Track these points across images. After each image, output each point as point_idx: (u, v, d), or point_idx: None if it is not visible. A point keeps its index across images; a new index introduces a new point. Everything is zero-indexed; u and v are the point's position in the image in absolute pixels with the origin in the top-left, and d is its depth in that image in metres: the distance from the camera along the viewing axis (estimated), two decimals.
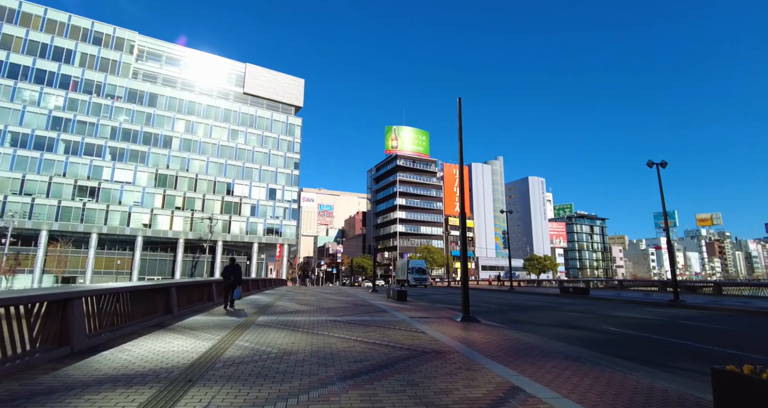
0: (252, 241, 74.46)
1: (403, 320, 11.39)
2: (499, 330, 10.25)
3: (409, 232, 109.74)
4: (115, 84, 66.63)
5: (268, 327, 9.53)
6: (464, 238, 12.70)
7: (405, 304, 17.81)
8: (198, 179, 71.77)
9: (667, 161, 24.59)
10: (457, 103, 13.62)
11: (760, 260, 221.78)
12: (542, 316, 15.53)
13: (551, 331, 11.49)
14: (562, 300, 24.96)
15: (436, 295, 31.53)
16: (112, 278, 61.62)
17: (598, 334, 10.96)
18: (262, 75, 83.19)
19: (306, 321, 10.76)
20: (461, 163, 12.86)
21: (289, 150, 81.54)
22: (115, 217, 63.72)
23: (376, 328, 9.74)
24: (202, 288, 14.28)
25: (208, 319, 10.81)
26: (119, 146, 65.75)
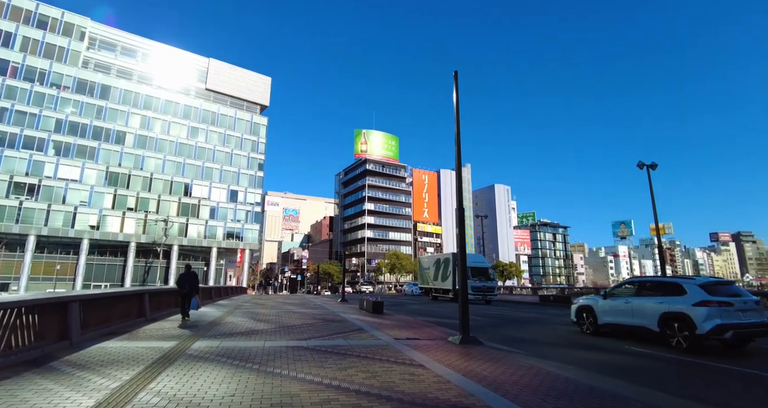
0: (211, 246, 69.96)
1: (389, 344, 8.86)
2: (512, 356, 7.92)
3: (378, 237, 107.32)
4: (61, 73, 61.18)
5: (202, 360, 6.79)
6: (462, 244, 10.35)
7: (383, 318, 15.27)
8: (153, 178, 66.89)
9: (657, 163, 23.36)
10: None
11: (705, 267, 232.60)
12: (543, 333, 13.36)
13: (567, 353, 9.29)
14: (547, 310, 23.17)
15: (412, 304, 29.12)
16: (51, 285, 55.91)
17: (627, 358, 8.81)
18: (227, 71, 79.18)
19: (259, 349, 8.04)
20: (458, 144, 10.55)
21: (253, 150, 77.63)
22: (57, 218, 58.11)
23: (357, 359, 7.17)
24: (128, 301, 11.28)
25: (122, 347, 7.93)
26: (65, 140, 60.25)
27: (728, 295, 10.05)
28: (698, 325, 9.59)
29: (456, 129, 10.81)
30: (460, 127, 10.86)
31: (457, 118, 10.90)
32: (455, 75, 11.47)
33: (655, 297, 11.07)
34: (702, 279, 10.86)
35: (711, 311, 9.54)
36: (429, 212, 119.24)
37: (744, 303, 9.83)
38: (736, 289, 10.74)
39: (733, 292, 10.37)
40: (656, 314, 10.67)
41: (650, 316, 10.82)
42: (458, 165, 10.59)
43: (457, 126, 10.82)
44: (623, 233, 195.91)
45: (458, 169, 10.56)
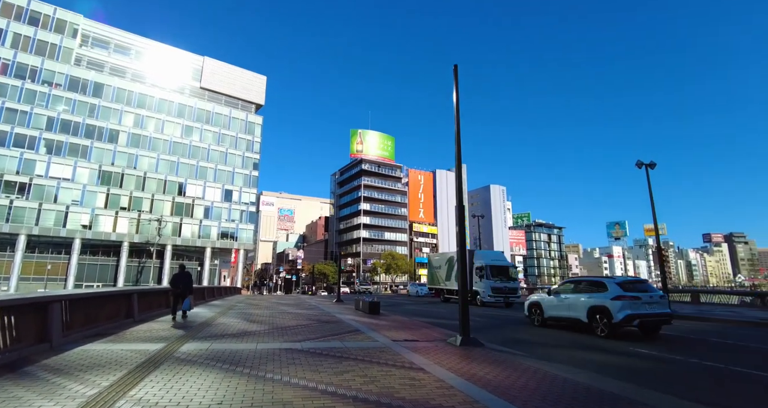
0: (205, 246, 69.27)
1: (387, 346, 8.51)
2: (514, 359, 7.59)
3: (373, 237, 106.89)
4: (53, 70, 60.35)
5: (189, 364, 6.41)
6: (463, 242, 10.03)
7: (379, 318, 14.91)
8: (147, 178, 66.15)
9: (655, 162, 23.12)
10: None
11: (698, 268, 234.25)
12: (543, 334, 13.05)
13: (570, 355, 8.98)
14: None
15: (407, 304, 28.78)
16: (42, 285, 55.12)
17: (631, 360, 8.50)
18: (222, 70, 78.51)
19: (251, 351, 7.66)
20: (458, 141, 10.22)
21: (248, 149, 77.01)
22: (48, 217, 57.29)
23: (354, 362, 6.82)
24: (115, 301, 10.85)
25: (105, 349, 7.52)
26: (57, 139, 59.42)
27: (639, 291, 12.32)
28: (614, 315, 11.74)
29: (456, 126, 10.48)
30: (460, 124, 10.54)
31: (457, 114, 10.58)
32: (455, 69, 11.14)
33: (585, 293, 13.23)
34: (620, 278, 13.37)
35: (624, 304, 11.78)
36: (425, 212, 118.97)
37: (650, 297, 12.23)
38: (647, 286, 13.07)
39: (643, 288, 12.68)
40: (586, 307, 12.80)
41: (581, 309, 12.99)
42: (458, 161, 10.27)
43: (457, 122, 10.49)
44: (617, 234, 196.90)
45: (458, 166, 10.24)
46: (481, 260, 27.68)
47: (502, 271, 27.48)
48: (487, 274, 26.73)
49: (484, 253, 30.15)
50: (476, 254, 28.56)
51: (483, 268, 26.94)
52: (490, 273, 26.73)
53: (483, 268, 26.94)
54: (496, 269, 27.21)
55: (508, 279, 27.28)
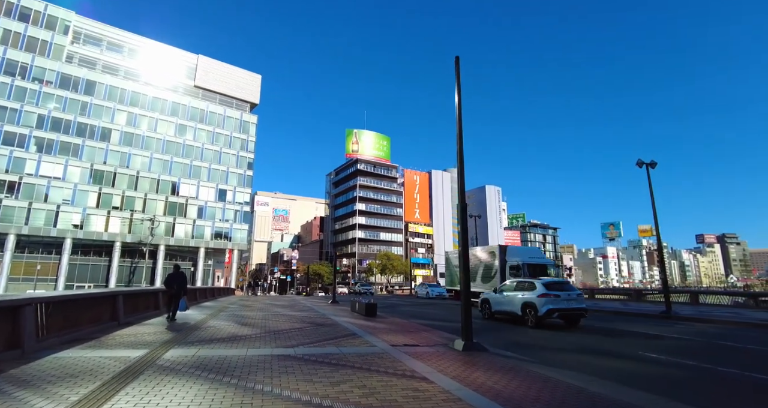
0: (198, 246, 68.45)
1: (385, 352, 8.01)
2: (522, 366, 7.13)
3: (369, 238, 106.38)
4: (44, 67, 59.40)
5: (172, 373, 5.89)
6: (465, 241, 9.56)
7: (376, 321, 14.42)
8: (139, 177, 65.28)
9: (656, 161, 22.79)
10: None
11: (691, 269, 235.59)
12: (546, 336, 12.62)
13: (578, 360, 8.52)
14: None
15: (403, 306, 28.26)
16: (32, 286, 54.15)
17: (643, 366, 8.04)
18: (216, 68, 77.73)
19: (241, 358, 7.14)
20: (460, 132, 9.76)
21: (242, 149, 76.27)
22: (39, 217, 56.32)
23: (351, 371, 6.32)
24: (98, 303, 10.28)
25: (82, 357, 6.97)
26: (47, 137, 58.46)
27: (559, 290, 15.06)
28: (539, 309, 14.55)
29: (458, 119, 10.02)
30: (462, 118, 10.07)
31: (458, 108, 10.12)
32: (456, 61, 10.68)
33: (520, 291, 16.05)
34: (546, 279, 16.31)
35: (547, 300, 14.57)
36: (420, 213, 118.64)
37: (568, 295, 15.01)
38: (567, 286, 15.90)
39: (563, 288, 15.50)
40: (520, 303, 15.62)
41: (517, 304, 15.82)
42: (460, 157, 9.81)
43: (459, 116, 10.03)
44: (612, 234, 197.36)
45: (460, 161, 9.79)
46: (516, 257, 23.28)
47: (540, 270, 22.90)
48: (523, 274, 22.15)
49: (518, 249, 25.51)
50: (510, 251, 24.27)
51: (519, 266, 22.59)
52: (527, 272, 22.35)
53: (519, 266, 22.59)
54: (533, 268, 22.57)
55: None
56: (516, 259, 23.42)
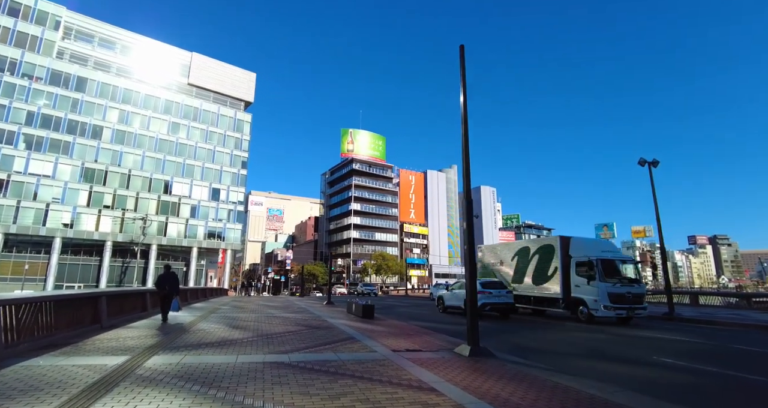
0: (191, 246, 67.53)
1: (387, 358, 7.43)
2: (535, 373, 6.59)
3: (364, 238, 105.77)
4: (34, 63, 58.30)
5: (152, 385, 5.28)
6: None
7: (374, 323, 13.84)
8: (131, 175, 64.31)
9: (658, 160, 22.40)
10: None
11: (684, 269, 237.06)
12: (553, 340, 12.11)
13: (593, 367, 8.00)
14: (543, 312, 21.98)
15: (400, 306, 27.72)
16: (19, 286, 53.04)
17: (668, 373, 7.53)
18: (210, 66, 76.82)
19: (230, 366, 6.53)
20: (465, 124, 9.21)
21: (236, 147, 75.41)
22: (27, 215, 55.23)
23: (351, 380, 5.74)
24: (79, 305, 9.62)
25: (53, 365, 6.33)
26: (37, 134, 57.37)
27: (491, 288, 19.07)
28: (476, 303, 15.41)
29: (463, 108, 9.47)
30: (467, 110, 9.53)
31: (464, 95, 9.56)
32: (461, 50, 10.12)
33: (463, 289, 16.74)
34: (484, 280, 20.31)
35: (482, 296, 17.60)
36: (415, 213, 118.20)
37: (498, 292, 18.96)
38: (499, 285, 19.98)
39: (496, 286, 19.52)
40: (463, 298, 17.92)
41: (461, 299, 19.09)
42: (465, 149, 9.26)
43: (464, 103, 9.48)
44: (605, 235, 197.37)
45: (465, 154, 9.24)
46: (584, 251, 18.37)
47: (616, 268, 18.07)
48: (599, 273, 17.09)
49: (585, 241, 19.60)
50: (575, 244, 19.16)
51: (590, 263, 17.50)
52: (602, 271, 17.18)
53: (590, 263, 17.50)
54: (610, 265, 17.77)
55: (629, 281, 17.84)
56: (585, 253, 18.30)
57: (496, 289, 19.11)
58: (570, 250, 18.96)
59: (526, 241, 22.48)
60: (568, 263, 18.55)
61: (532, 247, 21.14)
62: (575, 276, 18.12)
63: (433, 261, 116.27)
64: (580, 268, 18.07)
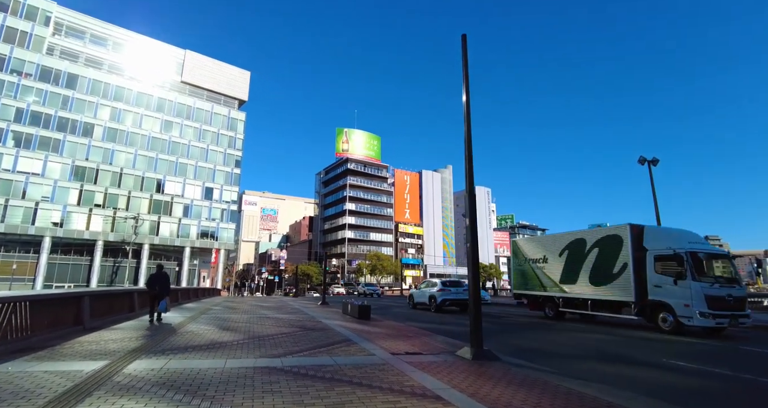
0: (184, 245, 66.71)
1: (386, 362, 6.98)
2: (545, 378, 6.17)
3: (358, 238, 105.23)
4: (23, 59, 57.31)
5: (130, 394, 4.80)
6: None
7: (370, 324, 13.38)
8: (123, 174, 63.44)
9: (658, 159, 22.15)
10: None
11: None
12: (556, 340, 11.71)
13: (602, 370, 7.58)
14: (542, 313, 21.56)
15: (395, 307, 27.27)
16: (7, 286, 52.05)
17: (680, 377, 7.13)
18: (204, 64, 76.03)
19: (218, 372, 6.05)
20: (468, 115, 8.78)
21: (230, 146, 74.65)
22: (16, 214, 54.24)
23: (349, 387, 5.28)
24: (60, 305, 9.08)
25: (24, 372, 5.82)
26: (26, 131, 56.40)
27: (451, 286, 22.43)
28: (438, 300, 21.88)
29: (465, 104, 9.04)
30: (470, 104, 9.10)
31: (466, 89, 9.13)
32: (463, 39, 9.68)
33: (429, 288, 23.70)
34: (445, 280, 24.12)
35: (442, 293, 21.92)
36: (410, 213, 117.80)
37: (457, 290, 21.92)
38: (459, 283, 23.22)
39: (455, 285, 22.76)
40: (427, 295, 23.12)
41: (427, 297, 23.13)
42: (468, 142, 8.83)
43: (467, 97, 9.05)
44: None
45: (468, 146, 8.81)
46: (666, 242, 14.56)
47: (709, 264, 14.36)
48: (690, 271, 13.39)
49: (666, 231, 15.70)
50: (651, 234, 15.40)
51: (678, 258, 13.74)
52: (693, 268, 13.46)
53: (678, 258, 13.74)
54: (702, 261, 14.01)
55: (728, 281, 13.91)
56: (668, 245, 14.28)
57: (455, 288, 22.42)
58: (644, 241, 15.25)
59: (581, 232, 18.31)
60: (643, 258, 14.93)
61: (588, 238, 17.44)
62: (654, 274, 14.44)
63: (428, 261, 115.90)
64: (663, 263, 14.36)
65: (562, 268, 18.23)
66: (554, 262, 18.82)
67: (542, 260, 19.65)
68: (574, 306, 17.49)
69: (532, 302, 20.20)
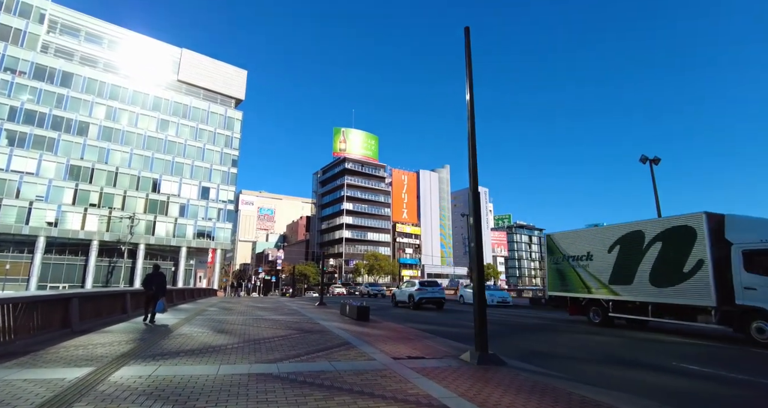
0: (180, 245, 66.20)
1: (388, 368, 6.64)
2: (556, 384, 5.86)
3: (356, 238, 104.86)
4: (17, 56, 56.66)
5: (115, 404, 4.46)
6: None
7: (369, 326, 13.04)
8: (119, 173, 62.86)
9: (660, 158, 21.92)
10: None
11: None
12: (562, 343, 11.40)
13: (613, 375, 7.28)
14: (549, 315, 21.26)
15: (393, 307, 26.94)
16: (0, 286, 51.43)
17: (697, 383, 6.82)
18: (201, 62, 75.50)
19: (210, 379, 5.71)
20: (471, 110, 8.46)
21: (226, 145, 74.15)
22: (9, 213, 53.62)
23: (350, 397, 4.95)
24: (47, 307, 8.70)
25: (4, 379, 5.48)
26: (20, 130, 55.75)
27: (427, 286, 25.61)
28: (416, 298, 24.62)
29: (468, 99, 8.72)
30: (473, 94, 8.78)
31: (470, 82, 8.81)
32: (466, 32, 9.36)
33: (409, 287, 26.62)
34: (422, 280, 28.67)
35: (420, 292, 24.76)
36: (408, 213, 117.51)
37: (432, 290, 25.11)
38: (434, 283, 26.74)
39: (432, 285, 26.02)
40: (407, 294, 25.96)
41: (407, 295, 26.01)
42: (472, 136, 8.51)
43: (470, 91, 8.73)
44: None
45: (472, 141, 8.49)
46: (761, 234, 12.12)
47: None
48: None
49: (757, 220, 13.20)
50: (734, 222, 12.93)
51: None
52: None
53: None
54: None
55: None
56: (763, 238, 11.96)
57: (431, 287, 25.44)
58: (727, 233, 12.70)
59: (637, 223, 15.29)
60: (727, 254, 12.29)
61: (647, 230, 14.62)
62: (744, 273, 11.75)
63: (426, 261, 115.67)
64: (757, 261, 11.66)
65: (613, 266, 15.65)
66: (601, 259, 16.16)
67: (586, 257, 16.96)
68: (627, 311, 14.97)
69: (572, 306, 17.61)
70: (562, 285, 18.13)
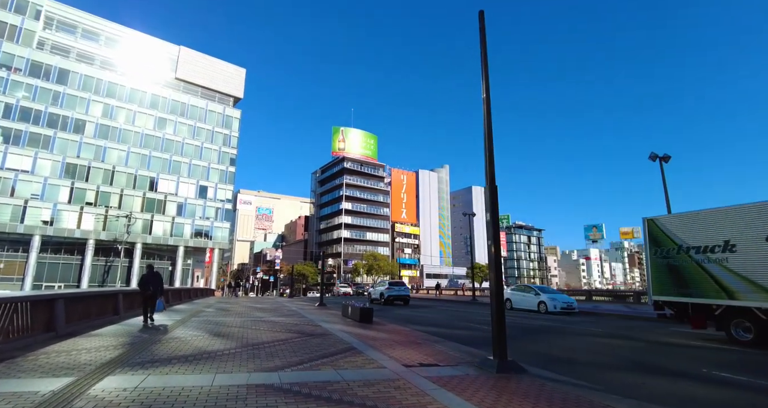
0: (177, 245, 65.48)
1: (400, 376, 6.04)
2: (586, 395, 5.27)
3: (355, 237, 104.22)
4: (12, 53, 55.87)
5: None
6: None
7: (373, 329, 12.43)
8: (115, 171, 62.13)
9: (670, 155, 21.37)
10: None
11: None
12: (577, 347, 10.78)
13: (639, 381, 6.68)
14: (558, 317, 20.54)
15: (394, 308, 26.30)
16: None
17: (735, 392, 6.24)
18: (199, 60, 74.78)
19: (204, 391, 5.09)
20: (487, 97, 7.87)
21: (224, 144, 73.44)
22: (4, 212, 52.90)
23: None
24: (31, 309, 8.07)
25: None
26: (15, 127, 54.98)
27: (395, 285, 31.21)
28: (385, 295, 29.49)
29: (484, 83, 8.13)
30: (489, 80, 8.19)
31: (485, 70, 8.22)
32: (480, 16, 8.75)
33: (380, 287, 31.45)
34: (390, 281, 33.76)
35: (389, 291, 29.80)
36: (407, 213, 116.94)
37: (399, 288, 30.70)
38: (401, 283, 33.36)
39: (398, 284, 32.08)
40: (378, 292, 30.67)
41: (378, 293, 30.56)
42: (488, 130, 7.92)
43: (486, 81, 8.14)
44: (595, 237, 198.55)
45: (489, 135, 7.89)
46: None
47: None
48: None
49: None
50: None
51: None
52: None
53: None
54: None
55: None
56: None
57: (397, 286, 30.75)
58: None
59: None
60: None
61: None
62: None
63: (425, 261, 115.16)
64: None
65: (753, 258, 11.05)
66: (750, 250, 11.16)
67: (721, 248, 11.91)
68: None
69: (697, 316, 12.69)
70: (677, 287, 13.09)
